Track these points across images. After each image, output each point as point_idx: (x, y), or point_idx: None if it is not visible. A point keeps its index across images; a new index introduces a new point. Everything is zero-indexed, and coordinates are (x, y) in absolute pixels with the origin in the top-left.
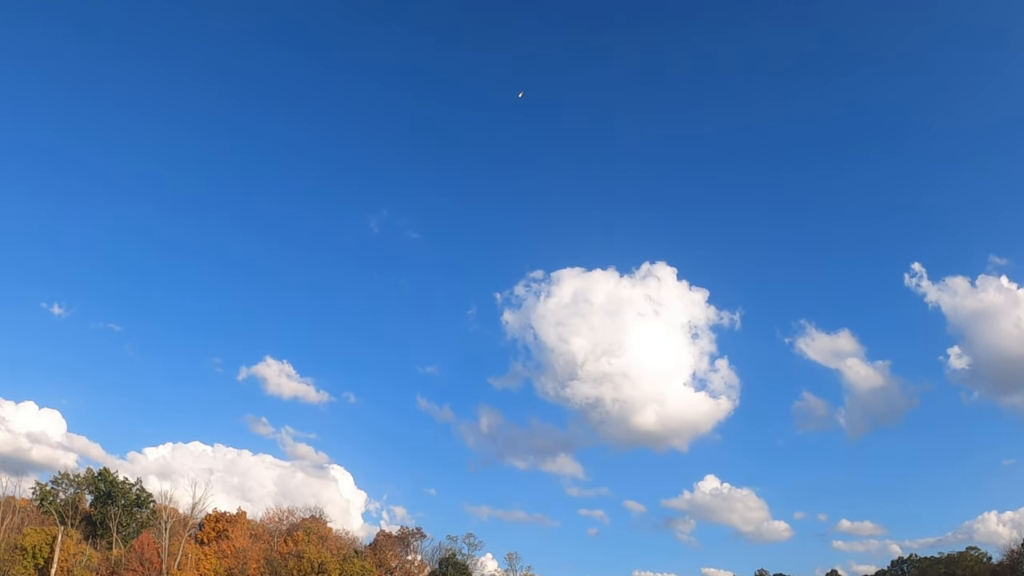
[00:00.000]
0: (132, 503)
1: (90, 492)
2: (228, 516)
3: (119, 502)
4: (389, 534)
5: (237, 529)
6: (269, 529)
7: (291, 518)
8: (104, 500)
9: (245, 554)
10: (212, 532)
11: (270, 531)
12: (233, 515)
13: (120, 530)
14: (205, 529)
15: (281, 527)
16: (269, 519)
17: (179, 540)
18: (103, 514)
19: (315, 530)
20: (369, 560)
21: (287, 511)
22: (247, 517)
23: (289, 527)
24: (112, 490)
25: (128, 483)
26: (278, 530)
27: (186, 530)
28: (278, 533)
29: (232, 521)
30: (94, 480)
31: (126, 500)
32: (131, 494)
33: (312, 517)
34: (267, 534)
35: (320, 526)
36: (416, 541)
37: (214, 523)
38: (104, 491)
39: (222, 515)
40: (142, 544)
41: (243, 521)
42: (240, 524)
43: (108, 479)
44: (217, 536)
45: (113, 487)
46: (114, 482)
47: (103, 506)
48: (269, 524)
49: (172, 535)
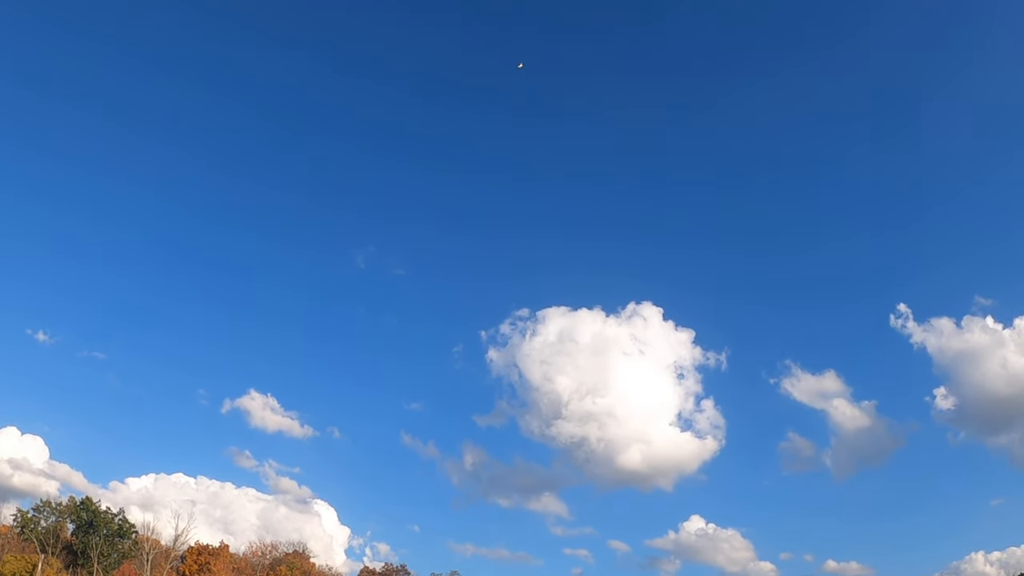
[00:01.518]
0: (114, 533)
1: (72, 521)
2: (210, 549)
3: (101, 532)
4: (373, 571)
5: (219, 562)
6: (252, 563)
7: (274, 552)
8: (86, 529)
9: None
10: (194, 565)
11: (252, 565)
12: (216, 548)
13: (101, 560)
14: (187, 562)
15: (264, 561)
16: (252, 553)
17: (160, 572)
18: (85, 543)
19: (298, 565)
20: None
21: (270, 545)
22: (230, 550)
23: (272, 561)
24: (94, 519)
25: (110, 513)
26: (261, 564)
27: (168, 562)
28: (260, 567)
29: (214, 554)
30: (76, 509)
31: (108, 530)
32: (113, 524)
33: (295, 552)
34: (249, 568)
35: (303, 561)
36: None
37: (196, 556)
38: (86, 520)
39: (204, 548)
40: (123, 575)
41: (225, 554)
42: (223, 557)
43: (90, 508)
44: (199, 569)
45: (95, 516)
46: (96, 511)
47: (85, 535)
48: (252, 558)
49: (154, 567)
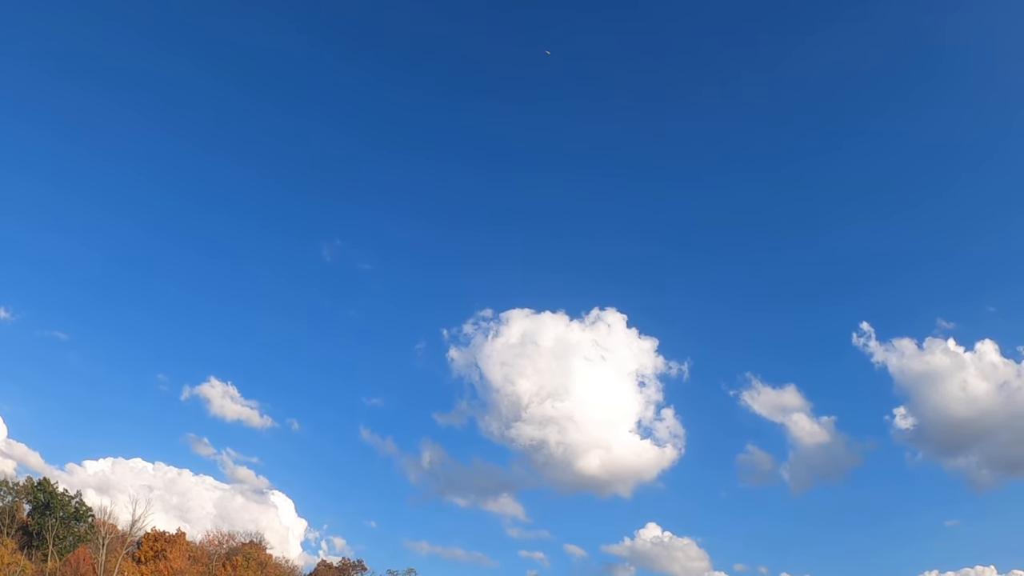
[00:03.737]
0: (70, 516)
1: (28, 502)
2: (167, 536)
3: (57, 514)
4: (330, 564)
5: (175, 550)
6: (208, 552)
7: (230, 542)
8: (42, 511)
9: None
10: (150, 551)
11: (209, 554)
12: (172, 535)
13: (57, 543)
14: (143, 548)
15: (220, 550)
16: (208, 542)
17: (116, 557)
18: (40, 525)
19: (254, 556)
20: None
21: (227, 535)
22: (186, 538)
23: (228, 551)
24: (51, 501)
25: (67, 495)
26: (217, 554)
27: (124, 547)
28: (217, 557)
29: (171, 541)
30: (33, 490)
31: (64, 512)
32: (70, 507)
33: (252, 542)
34: (206, 557)
35: (259, 552)
36: (356, 573)
37: (152, 542)
38: (43, 502)
39: (161, 535)
40: (78, 559)
41: (182, 542)
42: (179, 545)
43: (47, 490)
44: (155, 556)
45: (52, 498)
46: (53, 493)
47: (41, 517)
48: (208, 547)
49: (109, 551)
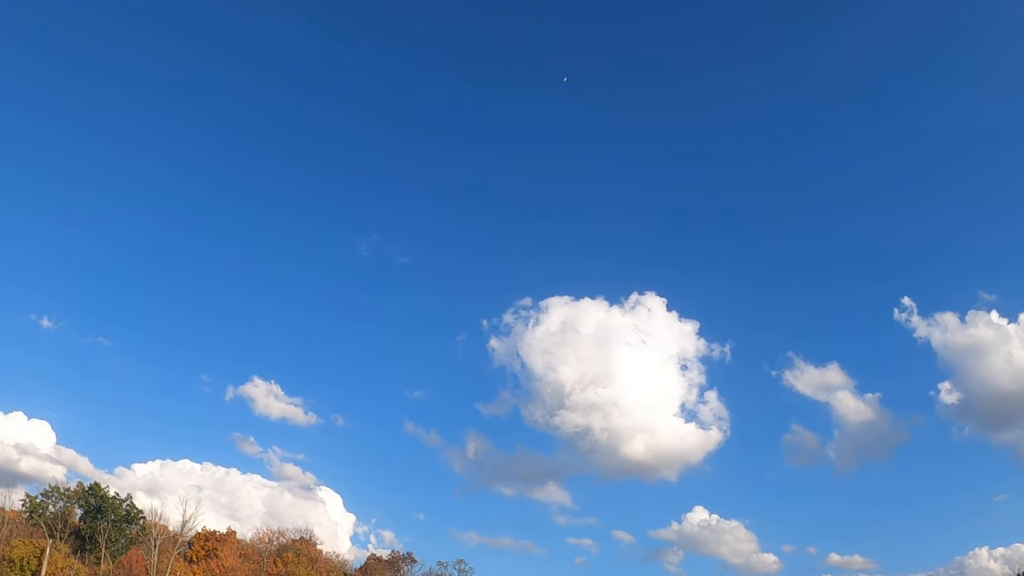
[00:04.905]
0: (122, 519)
1: (80, 506)
2: (217, 535)
3: (109, 517)
4: (380, 558)
5: (226, 549)
6: (259, 549)
7: (280, 539)
8: (94, 515)
9: (234, 574)
10: (201, 551)
11: (259, 551)
12: (223, 534)
13: (109, 545)
14: (194, 547)
15: (271, 547)
16: (259, 539)
17: (168, 558)
18: (92, 529)
19: (305, 552)
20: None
21: (277, 532)
22: (237, 537)
23: (279, 548)
24: (102, 505)
25: (118, 498)
26: (267, 551)
27: (175, 548)
28: (267, 554)
29: (221, 540)
30: (84, 494)
31: (116, 515)
32: (121, 510)
33: (302, 539)
34: (256, 554)
35: (310, 548)
36: (406, 566)
37: (203, 542)
38: (94, 505)
39: (211, 534)
40: (131, 560)
41: (232, 541)
42: (229, 544)
43: (99, 494)
44: (206, 555)
45: (103, 502)
46: (104, 497)
47: (93, 520)
48: (259, 544)
49: (161, 552)
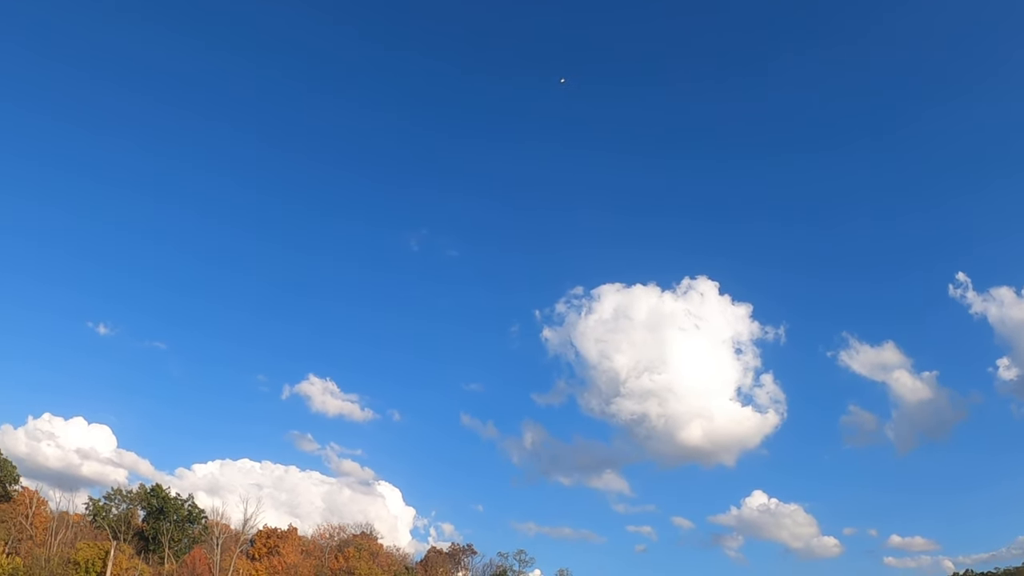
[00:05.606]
0: (184, 519)
1: (142, 508)
2: (279, 532)
3: (171, 518)
4: (440, 551)
5: (288, 545)
6: (320, 545)
7: (341, 534)
8: (156, 516)
9: (296, 570)
10: (263, 548)
11: (320, 547)
12: (284, 531)
13: (172, 545)
14: (256, 545)
15: (331, 543)
16: (320, 535)
17: (231, 556)
18: (155, 529)
19: (366, 546)
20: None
21: (338, 527)
22: (298, 533)
23: (339, 543)
24: (164, 506)
25: (180, 499)
26: (329, 546)
27: (237, 546)
28: (329, 549)
29: (283, 537)
30: (146, 496)
31: (178, 516)
32: (183, 510)
33: (362, 533)
34: (318, 550)
35: (371, 542)
36: (467, 558)
37: (265, 539)
38: (156, 507)
39: (273, 531)
40: (194, 559)
41: (294, 537)
42: (291, 540)
43: (160, 495)
44: (268, 552)
45: (165, 503)
46: (166, 498)
47: (155, 521)
48: (320, 540)
49: (224, 551)
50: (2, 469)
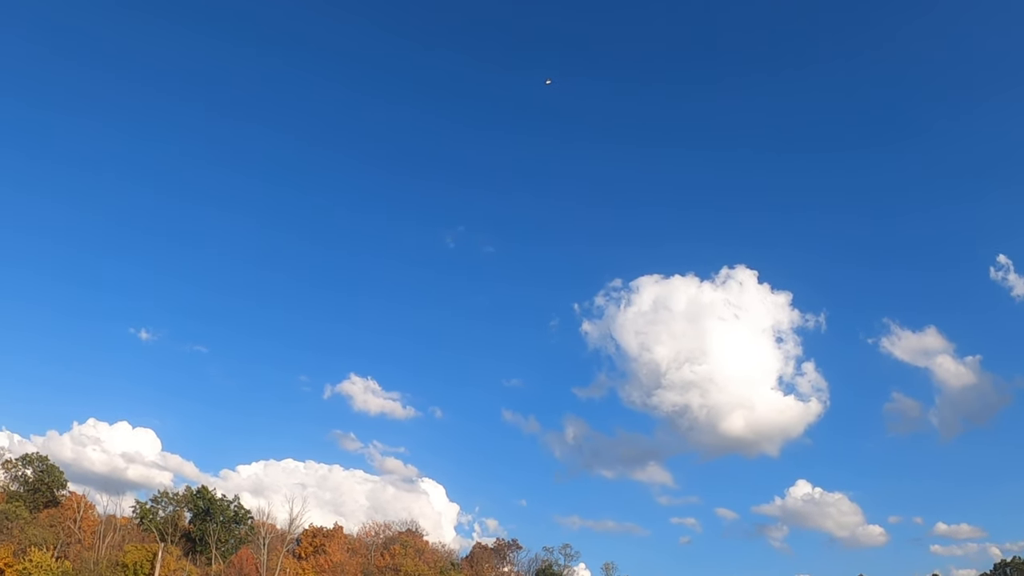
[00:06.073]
0: (230, 519)
1: (189, 509)
2: (325, 531)
3: (217, 519)
4: (485, 546)
5: (334, 544)
6: (365, 543)
7: (387, 532)
8: (203, 517)
9: (343, 568)
10: (309, 547)
11: (367, 545)
12: (330, 530)
13: (219, 546)
14: (302, 544)
15: (377, 541)
16: (365, 533)
17: (277, 555)
18: (202, 531)
19: (411, 543)
20: (466, 572)
21: (383, 525)
22: (343, 532)
23: (385, 541)
24: (210, 507)
25: (226, 500)
26: (374, 544)
27: (284, 545)
28: (374, 547)
29: (329, 536)
30: (192, 498)
31: (224, 517)
32: (229, 511)
33: (408, 531)
34: (364, 548)
35: (416, 539)
36: (512, 553)
37: (311, 538)
38: (203, 508)
39: (319, 530)
40: (241, 560)
41: (340, 536)
42: (337, 539)
43: (206, 496)
44: (314, 551)
45: (211, 504)
46: (212, 499)
47: (202, 523)
48: (365, 538)
49: (270, 551)
50: (49, 475)
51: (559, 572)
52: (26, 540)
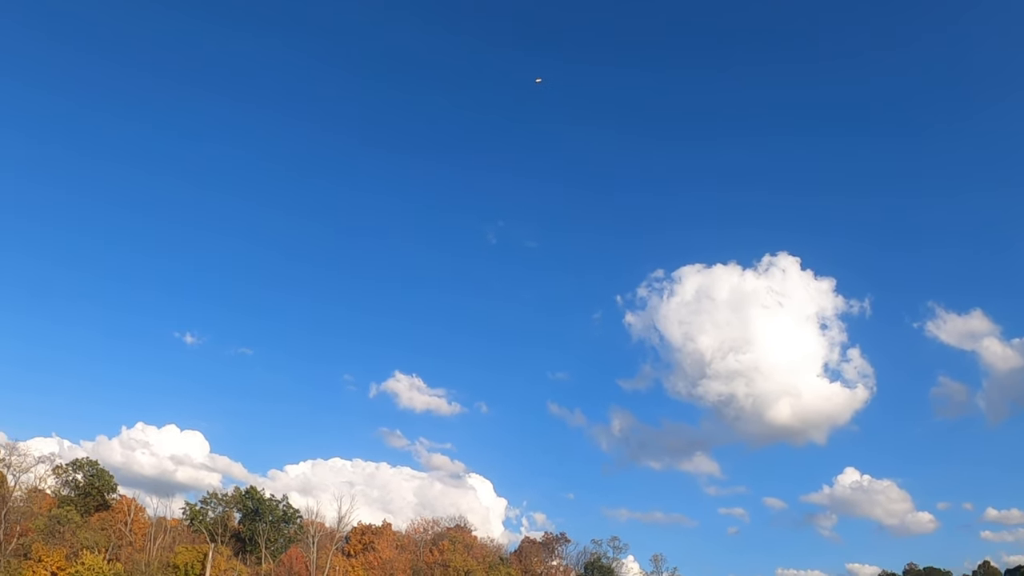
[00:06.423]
0: (279, 519)
1: (238, 510)
2: (373, 528)
3: (267, 518)
4: (534, 540)
5: (383, 541)
6: (414, 539)
7: (435, 528)
8: (252, 517)
9: (392, 565)
10: (358, 544)
11: (415, 541)
12: (378, 527)
13: (268, 545)
14: (351, 542)
15: (426, 537)
16: (414, 530)
17: (326, 554)
18: (252, 531)
19: (460, 539)
20: (514, 567)
21: (431, 521)
22: (392, 529)
23: (434, 537)
24: (259, 507)
25: (274, 500)
26: (423, 540)
27: (333, 543)
28: (423, 543)
29: (377, 533)
30: (241, 498)
31: (273, 516)
32: (278, 510)
33: (456, 526)
34: (412, 544)
35: (465, 535)
36: (560, 546)
37: (360, 536)
38: (252, 508)
39: (367, 527)
40: (291, 558)
41: (388, 533)
42: (385, 536)
43: (255, 497)
44: (363, 548)
45: (260, 504)
46: (261, 499)
47: (251, 523)
48: (414, 535)
49: (319, 549)
50: (100, 479)
51: (608, 565)
52: (78, 543)
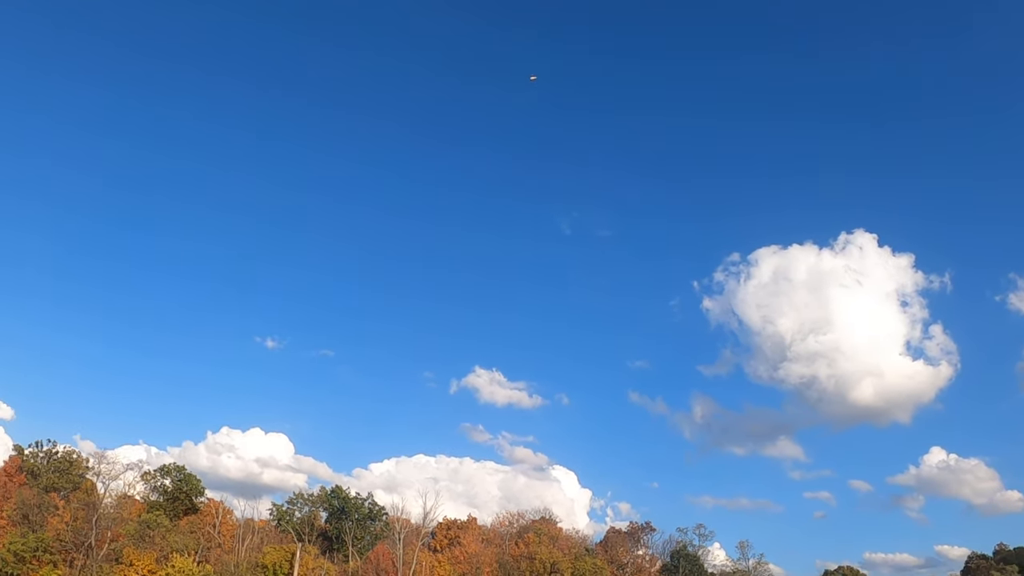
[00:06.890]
0: (365, 517)
1: (324, 509)
2: (459, 523)
3: (353, 517)
4: (619, 530)
5: (468, 535)
6: (499, 533)
7: (520, 521)
8: (338, 516)
9: (478, 559)
10: (444, 540)
11: (501, 535)
12: (464, 522)
13: (355, 543)
14: (437, 537)
15: (511, 530)
16: (499, 523)
17: (413, 550)
18: (338, 529)
19: (545, 531)
20: (600, 558)
21: (516, 514)
22: (477, 523)
23: (519, 529)
24: (345, 506)
25: (360, 498)
26: (508, 533)
27: (419, 539)
28: (508, 536)
29: (463, 528)
30: (327, 498)
31: (359, 514)
32: (363, 508)
33: (542, 519)
34: (498, 538)
35: (550, 527)
36: (646, 536)
37: (446, 531)
38: (338, 507)
39: (453, 522)
40: (377, 555)
41: (473, 527)
42: (471, 530)
43: (341, 496)
44: (449, 543)
45: (346, 503)
46: (347, 498)
47: (338, 521)
48: (499, 528)
49: (406, 545)
50: (187, 483)
51: (694, 553)
52: (168, 547)
